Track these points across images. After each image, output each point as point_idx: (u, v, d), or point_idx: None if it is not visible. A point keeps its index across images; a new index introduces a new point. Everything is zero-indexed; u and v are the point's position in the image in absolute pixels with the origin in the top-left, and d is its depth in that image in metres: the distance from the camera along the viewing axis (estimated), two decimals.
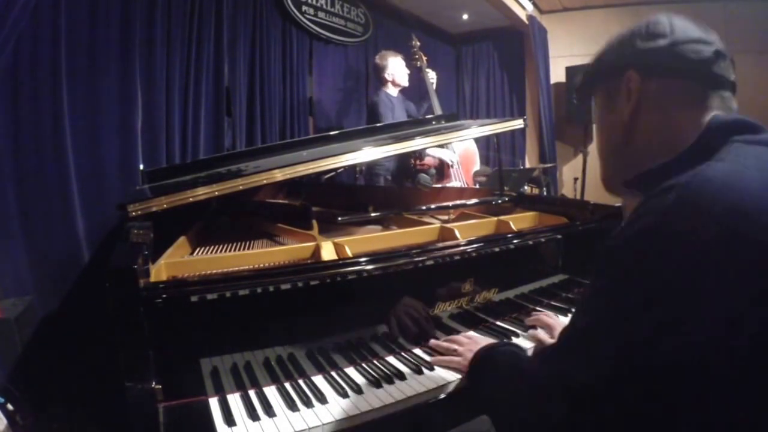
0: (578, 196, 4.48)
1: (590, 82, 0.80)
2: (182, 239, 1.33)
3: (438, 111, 3.15)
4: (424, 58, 3.33)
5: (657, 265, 0.54)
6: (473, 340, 1.08)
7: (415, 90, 3.49)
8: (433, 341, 1.13)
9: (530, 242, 1.36)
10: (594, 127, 4.36)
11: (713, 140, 0.63)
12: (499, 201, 1.85)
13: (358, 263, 1.06)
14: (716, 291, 0.51)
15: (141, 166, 2.21)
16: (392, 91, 3.11)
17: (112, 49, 2.15)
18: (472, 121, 2.22)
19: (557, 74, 4.68)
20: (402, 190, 2.73)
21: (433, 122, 2.18)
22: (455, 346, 1.06)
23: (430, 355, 1.11)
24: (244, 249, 1.37)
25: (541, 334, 1.19)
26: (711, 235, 0.52)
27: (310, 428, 0.84)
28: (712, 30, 0.70)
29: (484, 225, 1.55)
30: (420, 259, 1.13)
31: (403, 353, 1.11)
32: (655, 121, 0.70)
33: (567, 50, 4.67)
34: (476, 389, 0.95)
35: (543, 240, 1.39)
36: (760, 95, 3.19)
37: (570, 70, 4.49)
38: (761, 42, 3.70)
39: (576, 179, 4.61)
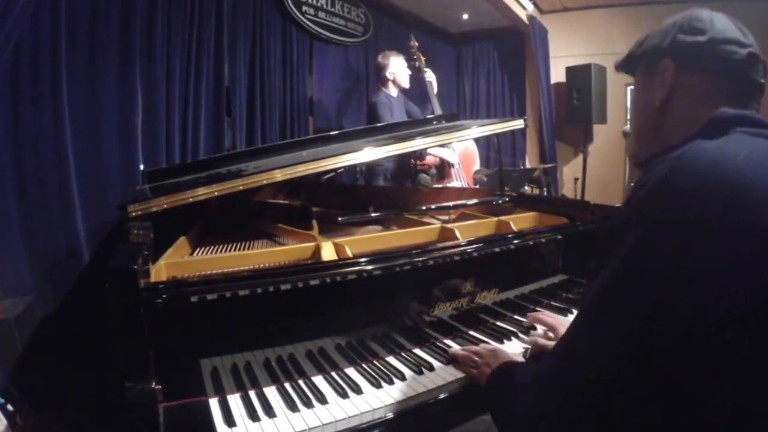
0: (578, 197, 4.48)
1: (631, 62, 0.85)
2: (182, 239, 1.33)
3: (438, 112, 3.15)
4: (423, 59, 3.33)
5: (660, 224, 0.59)
6: (492, 353, 1.03)
7: (416, 90, 3.48)
8: (452, 350, 1.09)
9: (530, 242, 1.36)
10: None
11: (715, 129, 0.67)
12: (500, 201, 1.85)
13: (358, 263, 1.06)
14: (715, 255, 0.56)
15: (141, 166, 2.21)
16: (392, 91, 3.11)
17: (112, 49, 2.14)
18: (472, 121, 2.22)
19: (557, 74, 4.68)
20: (402, 190, 2.73)
21: (434, 122, 2.18)
22: (475, 358, 1.03)
23: (430, 354, 1.11)
24: (244, 249, 1.37)
25: (540, 336, 1.19)
26: (704, 195, 0.57)
27: (310, 428, 0.84)
28: (750, 32, 0.73)
29: (485, 225, 1.55)
30: (420, 259, 1.13)
31: (403, 353, 1.11)
32: (683, 110, 0.74)
33: (567, 50, 4.66)
34: (492, 406, 0.91)
35: (543, 240, 1.39)
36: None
37: (570, 70, 4.49)
38: (761, 42, 3.69)
39: (576, 179, 4.61)
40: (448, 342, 1.18)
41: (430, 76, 3.29)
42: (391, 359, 1.08)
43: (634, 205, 0.64)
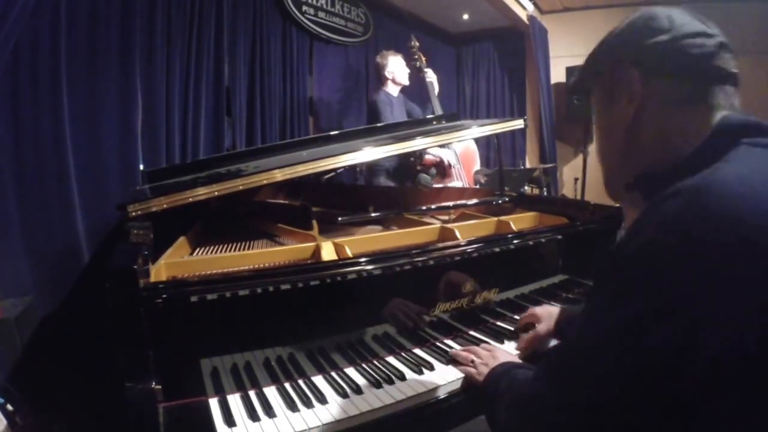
0: (578, 197, 4.48)
1: (586, 80, 0.76)
2: (182, 239, 1.33)
3: (438, 112, 3.15)
4: (423, 59, 3.33)
5: (671, 274, 0.51)
6: (491, 354, 1.03)
7: (416, 90, 3.49)
8: (452, 351, 1.10)
9: (530, 242, 1.36)
10: (594, 127, 4.34)
11: (721, 143, 0.60)
12: (500, 201, 1.85)
13: (358, 263, 1.06)
14: (733, 300, 0.49)
15: (141, 166, 2.21)
16: (392, 90, 3.12)
17: (112, 49, 2.14)
18: (472, 121, 2.22)
19: (557, 74, 4.68)
20: (402, 190, 2.73)
21: (434, 122, 2.18)
22: (473, 357, 1.03)
23: (430, 354, 1.11)
24: (244, 249, 1.37)
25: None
26: (726, 241, 0.49)
27: (310, 429, 0.84)
28: (711, 21, 0.67)
29: (485, 225, 1.55)
30: (420, 259, 1.13)
31: (403, 353, 1.11)
32: (659, 122, 0.66)
33: (567, 50, 4.66)
34: (488, 407, 0.90)
35: (543, 240, 1.39)
36: (759, 97, 3.19)
37: (570, 70, 4.49)
38: (761, 42, 3.70)
39: (576, 179, 4.61)
40: (448, 342, 1.18)
41: (431, 76, 3.30)
42: (391, 359, 1.08)
43: (641, 242, 0.55)
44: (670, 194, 0.54)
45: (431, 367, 1.05)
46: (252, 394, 0.93)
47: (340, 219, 1.60)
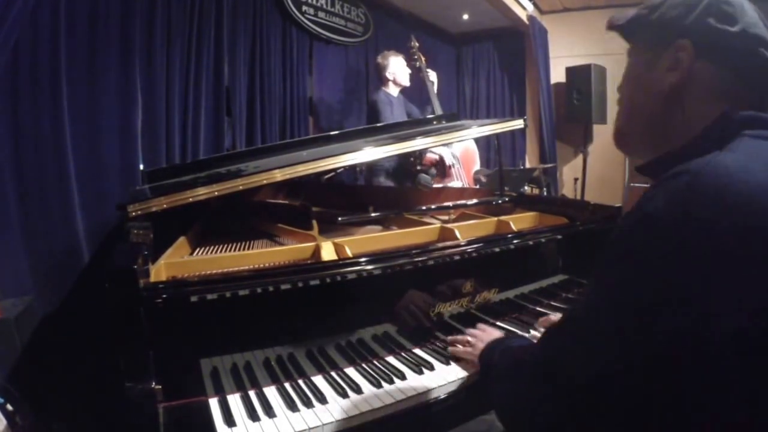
0: (578, 197, 4.48)
1: (636, 26, 0.74)
2: (182, 239, 1.33)
3: (438, 112, 3.15)
4: (423, 59, 3.33)
5: (670, 246, 0.53)
6: (487, 332, 1.10)
7: (416, 91, 3.49)
8: (450, 337, 1.14)
9: (530, 242, 1.36)
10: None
11: (725, 131, 0.61)
12: (500, 201, 1.85)
13: (358, 263, 1.06)
14: (727, 280, 0.51)
15: (141, 166, 2.21)
16: (393, 90, 3.12)
17: (112, 49, 2.14)
18: (472, 121, 2.22)
19: (557, 74, 4.68)
20: (402, 190, 2.73)
21: (434, 122, 2.18)
22: (469, 338, 1.08)
23: (430, 354, 1.11)
24: (244, 249, 1.37)
25: None
26: (725, 224, 0.51)
27: (310, 428, 0.84)
28: None
29: (485, 225, 1.55)
30: (420, 259, 1.13)
31: (403, 353, 1.11)
32: (693, 107, 0.65)
33: (567, 50, 4.67)
34: (485, 382, 0.95)
35: (543, 240, 1.39)
36: None
37: (570, 71, 4.49)
38: None
39: (576, 179, 4.61)
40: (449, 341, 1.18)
41: (432, 76, 3.30)
42: (391, 359, 1.09)
43: (640, 218, 0.57)
44: (675, 173, 0.56)
45: (431, 367, 1.05)
46: (252, 394, 0.93)
47: (340, 219, 1.60)
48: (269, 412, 0.87)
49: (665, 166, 0.60)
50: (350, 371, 1.03)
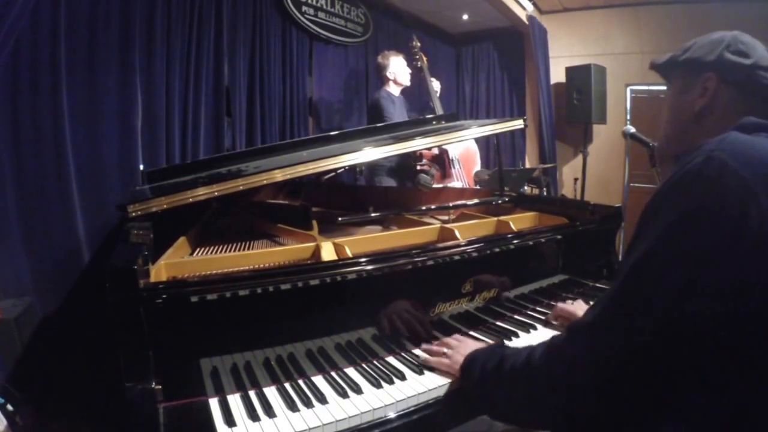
0: (578, 197, 4.48)
1: (671, 65, 0.91)
2: (182, 239, 1.33)
3: (439, 112, 3.15)
4: (425, 59, 3.34)
5: (689, 206, 0.65)
6: (463, 344, 1.08)
7: (416, 91, 3.49)
8: (424, 345, 1.12)
9: (530, 242, 1.36)
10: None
11: (742, 131, 0.74)
12: (499, 201, 1.85)
13: (358, 263, 1.06)
14: (744, 234, 0.61)
15: (141, 167, 2.21)
16: (394, 90, 3.13)
17: (112, 49, 2.14)
18: (472, 121, 2.22)
19: (557, 74, 4.67)
20: (402, 190, 2.73)
21: (434, 122, 2.18)
22: (444, 349, 1.07)
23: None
24: (244, 249, 1.37)
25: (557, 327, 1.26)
26: (751, 175, 0.63)
27: (310, 428, 0.84)
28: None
29: (484, 225, 1.55)
30: (420, 259, 1.13)
31: (403, 353, 1.11)
32: (717, 120, 0.82)
33: (567, 50, 4.66)
34: (473, 390, 0.96)
35: (543, 240, 1.39)
36: None
37: (570, 70, 4.49)
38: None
39: (576, 179, 4.61)
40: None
41: (436, 85, 3.31)
42: (391, 359, 1.08)
43: (666, 191, 0.69)
44: (693, 155, 0.69)
45: (431, 368, 1.05)
46: (252, 394, 0.93)
47: (340, 219, 1.60)
48: (269, 412, 0.87)
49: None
50: (350, 371, 1.03)
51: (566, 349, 0.79)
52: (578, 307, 1.26)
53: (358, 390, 0.95)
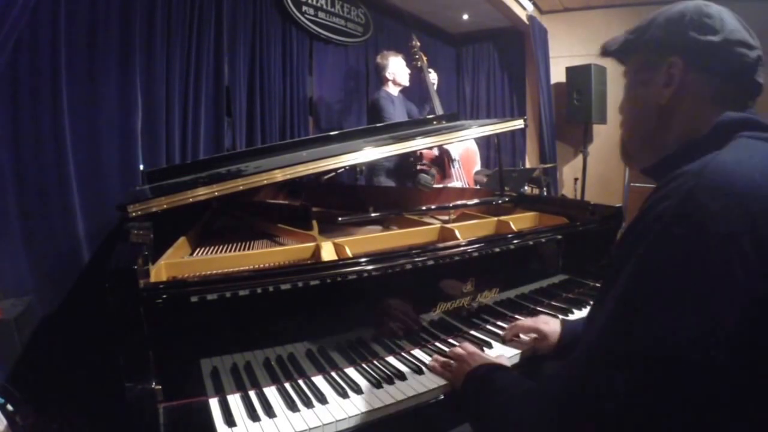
0: (578, 197, 4.48)
1: (628, 50, 0.79)
2: (182, 239, 1.33)
3: (439, 112, 3.16)
4: (425, 58, 3.34)
5: (689, 240, 0.55)
6: (470, 357, 1.00)
7: (416, 90, 3.49)
8: (435, 356, 1.08)
9: (530, 242, 1.36)
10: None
11: (722, 134, 0.65)
12: (500, 201, 1.85)
13: (358, 263, 1.06)
14: (741, 272, 0.52)
15: (141, 167, 2.21)
16: (393, 90, 3.13)
17: (111, 49, 2.14)
18: (472, 121, 2.22)
19: (557, 74, 4.68)
20: (402, 190, 2.73)
21: (434, 122, 2.18)
22: (451, 361, 1.02)
23: (429, 356, 1.11)
24: (244, 249, 1.37)
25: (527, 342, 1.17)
26: (734, 216, 0.54)
27: (310, 429, 0.84)
28: (753, 32, 0.71)
29: (485, 225, 1.55)
30: (420, 259, 1.13)
31: (403, 353, 1.11)
32: (689, 112, 0.71)
33: (567, 50, 4.66)
34: (470, 408, 0.90)
35: (543, 240, 1.39)
36: (760, 98, 3.20)
37: (570, 70, 4.49)
38: (764, 43, 3.70)
39: (576, 179, 4.61)
40: (450, 341, 1.17)
41: (433, 77, 3.30)
42: (391, 359, 1.08)
43: (653, 218, 0.58)
44: (678, 175, 0.60)
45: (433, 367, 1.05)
46: (252, 394, 0.93)
47: (340, 219, 1.60)
48: (269, 412, 0.87)
49: (669, 168, 0.63)
50: (350, 371, 1.03)
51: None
52: (539, 322, 1.16)
53: (358, 390, 0.95)
